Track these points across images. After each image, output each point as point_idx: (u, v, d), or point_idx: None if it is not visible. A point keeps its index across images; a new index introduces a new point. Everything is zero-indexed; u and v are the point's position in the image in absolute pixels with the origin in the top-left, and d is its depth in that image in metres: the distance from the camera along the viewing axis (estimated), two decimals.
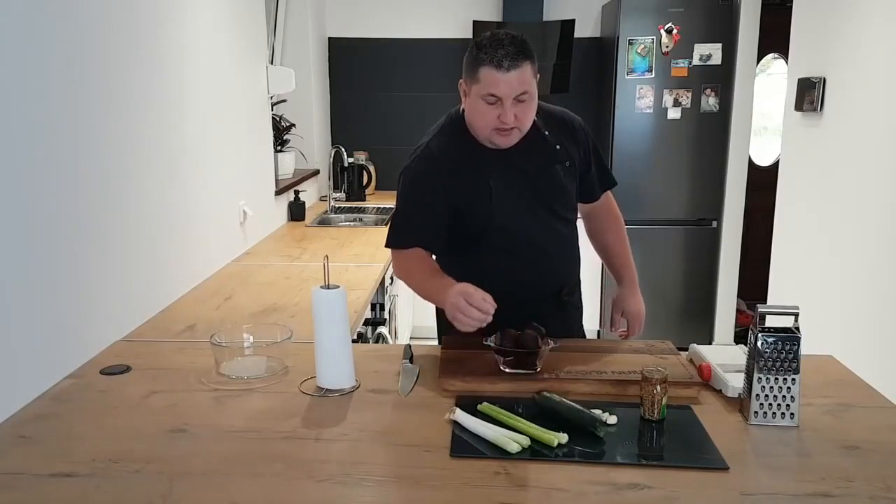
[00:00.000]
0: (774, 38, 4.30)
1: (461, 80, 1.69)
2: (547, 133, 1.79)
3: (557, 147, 1.79)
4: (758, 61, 4.35)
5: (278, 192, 3.59)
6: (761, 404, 1.39)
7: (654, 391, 1.38)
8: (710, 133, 4.27)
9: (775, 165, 3.70)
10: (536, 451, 1.29)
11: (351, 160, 4.55)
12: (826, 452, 1.30)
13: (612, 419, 1.38)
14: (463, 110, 1.76)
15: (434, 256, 1.82)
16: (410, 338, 4.17)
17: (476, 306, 1.51)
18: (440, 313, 1.86)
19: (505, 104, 1.60)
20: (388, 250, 1.83)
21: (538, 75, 1.67)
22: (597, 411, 1.37)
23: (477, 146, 1.74)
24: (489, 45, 1.59)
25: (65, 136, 1.69)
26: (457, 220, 1.76)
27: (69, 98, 1.71)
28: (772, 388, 1.38)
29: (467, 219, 1.76)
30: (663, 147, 4.27)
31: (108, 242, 1.89)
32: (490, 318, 1.53)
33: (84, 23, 1.78)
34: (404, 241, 1.79)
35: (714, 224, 4.41)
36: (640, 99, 4.23)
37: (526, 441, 1.30)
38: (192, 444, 1.33)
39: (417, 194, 1.76)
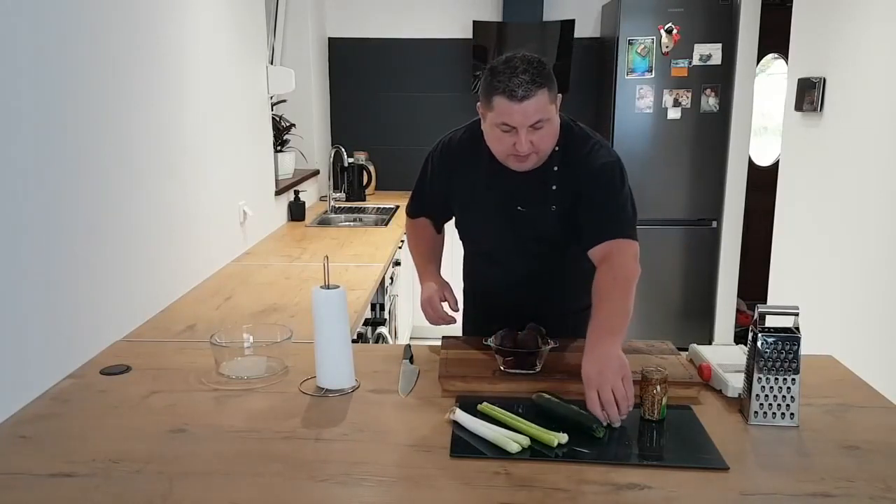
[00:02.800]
0: (774, 38, 4.30)
1: (478, 104, 1.64)
2: (555, 168, 1.70)
3: (553, 188, 1.71)
4: (758, 61, 4.35)
5: (278, 192, 3.59)
6: (761, 404, 1.39)
7: (654, 391, 1.39)
8: (710, 133, 4.27)
9: (775, 165, 3.70)
10: (536, 451, 1.29)
11: (351, 160, 4.55)
12: (826, 452, 1.30)
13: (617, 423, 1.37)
14: None
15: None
16: (410, 338, 4.17)
17: (438, 317, 1.84)
18: (465, 314, 2.05)
19: (520, 133, 1.56)
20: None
21: (559, 97, 1.61)
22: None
23: (487, 155, 1.72)
24: (503, 71, 1.54)
25: (64, 136, 1.69)
26: (450, 205, 1.90)
27: (69, 98, 1.71)
28: (772, 388, 1.38)
29: (453, 209, 1.90)
30: (663, 147, 4.27)
31: (108, 242, 1.89)
32: (452, 322, 1.86)
33: (84, 23, 1.78)
34: (412, 211, 2.02)
35: (714, 224, 4.41)
36: (640, 99, 4.23)
37: (526, 441, 1.30)
38: (192, 444, 1.33)
39: (427, 175, 1.91)
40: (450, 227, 1.99)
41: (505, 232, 1.80)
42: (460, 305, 1.95)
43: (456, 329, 1.99)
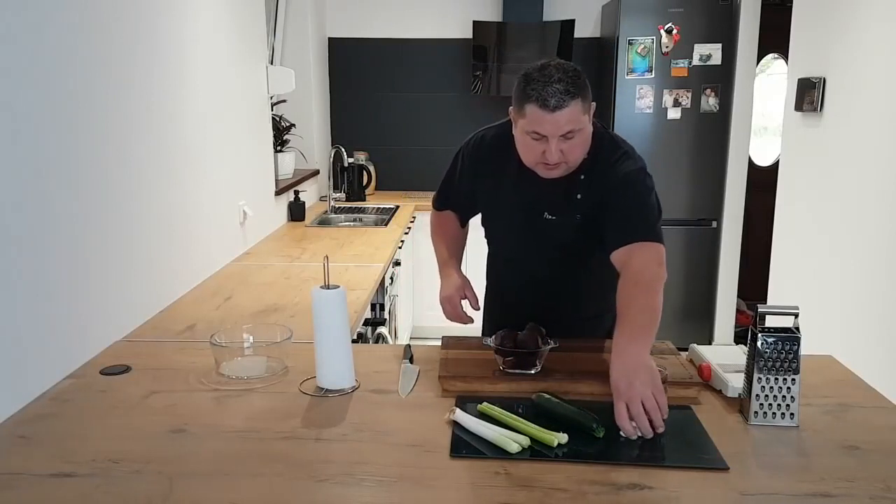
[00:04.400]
0: (774, 38, 4.30)
1: (511, 108, 1.63)
2: (583, 177, 1.68)
3: (578, 196, 1.69)
4: (758, 61, 4.35)
5: (278, 193, 3.59)
6: (761, 404, 1.39)
7: None
8: (710, 133, 4.28)
9: (775, 165, 3.70)
10: (536, 451, 1.29)
11: (351, 160, 4.55)
12: (826, 452, 1.30)
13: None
14: None
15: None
16: (410, 338, 4.17)
17: (457, 315, 1.82)
18: (487, 313, 2.04)
19: (550, 142, 1.54)
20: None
21: (593, 105, 1.59)
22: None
23: (518, 158, 1.68)
24: (538, 79, 1.52)
25: (65, 136, 1.69)
26: (477, 201, 1.88)
27: (69, 99, 1.71)
28: (772, 388, 1.38)
29: (479, 206, 1.89)
30: (663, 147, 4.27)
31: (109, 242, 1.89)
32: (470, 322, 1.82)
33: (83, 23, 1.78)
34: (438, 203, 2.00)
35: (714, 224, 4.41)
36: (640, 99, 4.23)
37: (526, 441, 1.30)
38: (192, 444, 1.33)
39: (456, 170, 1.90)
40: (475, 225, 1.98)
41: (526, 236, 1.79)
42: (481, 304, 1.94)
43: (476, 329, 1.94)
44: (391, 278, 3.34)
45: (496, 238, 1.91)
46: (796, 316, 1.38)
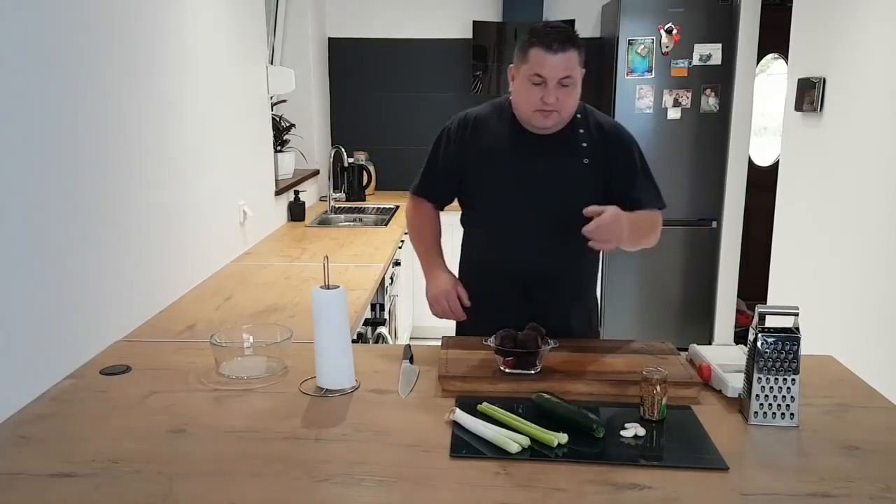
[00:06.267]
0: (774, 38, 4.30)
1: (511, 66, 1.80)
2: (581, 131, 1.84)
3: (584, 144, 1.83)
4: (758, 61, 4.35)
5: (278, 193, 3.59)
6: (761, 404, 1.39)
7: (654, 391, 1.39)
8: (710, 133, 4.27)
9: (775, 165, 3.70)
10: (536, 451, 1.29)
11: (351, 160, 4.55)
12: (826, 452, 1.30)
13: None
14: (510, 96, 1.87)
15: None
16: (410, 338, 4.17)
17: (455, 310, 1.86)
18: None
19: (549, 85, 1.70)
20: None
21: (584, 69, 1.76)
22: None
23: (510, 124, 1.85)
24: (542, 29, 1.72)
25: (65, 136, 1.69)
26: (461, 182, 1.91)
27: (68, 99, 1.71)
28: (772, 388, 1.38)
29: (469, 181, 1.90)
30: (663, 147, 4.27)
31: (109, 242, 1.89)
32: (462, 318, 1.86)
33: (83, 23, 1.78)
34: (419, 188, 2.01)
35: (714, 224, 4.41)
36: (640, 99, 4.23)
37: (526, 441, 1.30)
38: (192, 444, 1.33)
39: (440, 148, 1.94)
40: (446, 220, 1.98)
41: (525, 194, 1.83)
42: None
43: (468, 326, 1.91)
44: (391, 278, 3.34)
45: (488, 206, 1.89)
46: (796, 316, 1.39)
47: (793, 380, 1.38)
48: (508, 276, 1.87)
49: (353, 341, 1.76)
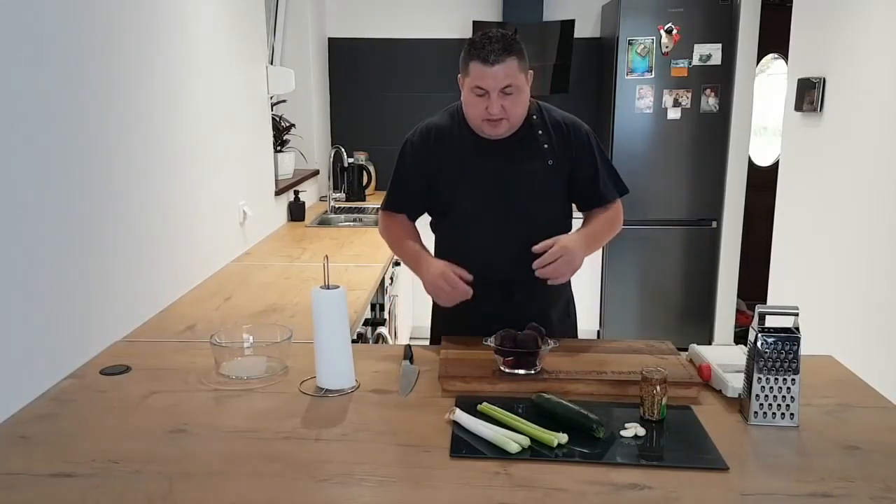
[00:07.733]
0: (774, 38, 4.30)
1: (459, 75, 1.84)
2: (540, 132, 1.87)
3: (545, 146, 1.86)
4: (758, 61, 4.35)
5: (278, 193, 3.59)
6: (761, 404, 1.39)
7: (654, 391, 1.39)
8: (710, 133, 4.27)
9: (775, 165, 3.70)
10: (536, 452, 1.29)
11: (351, 160, 4.55)
12: (826, 452, 1.30)
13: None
14: None
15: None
16: (410, 338, 4.17)
17: (453, 286, 1.77)
18: (435, 315, 1.99)
19: (491, 96, 1.73)
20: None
21: (530, 72, 1.79)
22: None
23: (468, 131, 1.87)
24: (479, 41, 1.74)
25: (65, 136, 1.69)
26: (430, 192, 1.93)
27: (68, 99, 1.71)
28: (772, 388, 1.38)
29: (439, 191, 1.91)
30: (663, 147, 4.27)
31: (109, 242, 1.89)
32: (469, 294, 1.77)
33: (83, 24, 1.78)
34: (393, 204, 2.01)
35: (714, 224, 4.41)
36: (639, 99, 4.23)
37: (526, 441, 1.30)
38: (192, 444, 1.33)
39: (402, 164, 1.96)
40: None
41: (494, 195, 1.85)
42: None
43: (474, 329, 1.83)
44: (391, 278, 3.34)
45: (457, 213, 1.89)
46: (796, 316, 1.39)
47: (793, 380, 1.38)
48: (481, 279, 1.83)
49: (353, 341, 1.76)
